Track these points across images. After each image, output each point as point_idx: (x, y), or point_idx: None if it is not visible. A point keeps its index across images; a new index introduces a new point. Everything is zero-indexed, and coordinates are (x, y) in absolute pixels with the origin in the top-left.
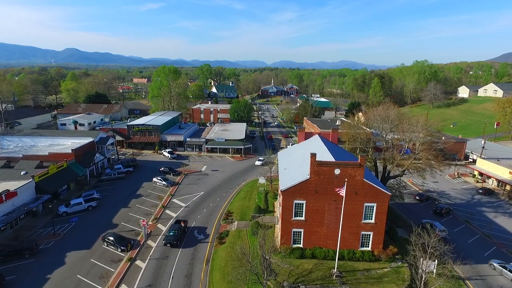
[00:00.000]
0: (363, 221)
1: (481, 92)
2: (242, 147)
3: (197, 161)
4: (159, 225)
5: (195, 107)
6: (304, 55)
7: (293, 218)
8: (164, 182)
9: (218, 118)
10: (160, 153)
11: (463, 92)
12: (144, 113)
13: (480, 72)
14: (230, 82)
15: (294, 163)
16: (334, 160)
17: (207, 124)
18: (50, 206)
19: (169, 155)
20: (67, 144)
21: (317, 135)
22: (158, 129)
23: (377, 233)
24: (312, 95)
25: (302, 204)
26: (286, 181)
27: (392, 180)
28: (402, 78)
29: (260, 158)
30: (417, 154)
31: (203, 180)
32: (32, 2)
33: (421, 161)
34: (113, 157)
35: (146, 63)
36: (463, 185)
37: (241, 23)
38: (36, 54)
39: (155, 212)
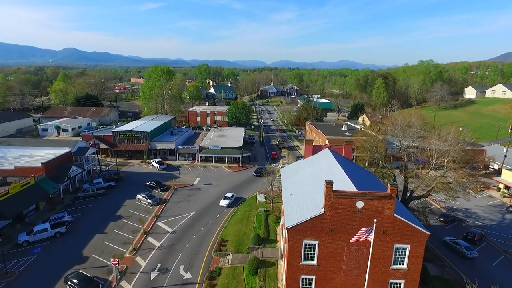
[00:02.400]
0: (392, 267)
1: (488, 93)
2: (240, 156)
3: (189, 173)
4: (138, 259)
5: (191, 109)
6: (303, 55)
7: (302, 263)
8: (149, 200)
9: (215, 121)
10: (149, 163)
11: (470, 93)
12: (137, 115)
13: (487, 72)
14: (229, 83)
15: (302, 186)
16: (355, 190)
17: (204, 128)
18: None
19: (158, 165)
20: (40, 156)
21: (327, 149)
22: (147, 136)
23: (410, 281)
24: (313, 95)
25: (314, 245)
26: (292, 213)
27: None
28: (406, 78)
29: (227, 195)
30: (446, 171)
31: (195, 197)
32: (32, 2)
33: (452, 181)
34: (94, 168)
35: (145, 63)
36: (488, 200)
37: (240, 23)
38: (35, 53)
39: (135, 240)
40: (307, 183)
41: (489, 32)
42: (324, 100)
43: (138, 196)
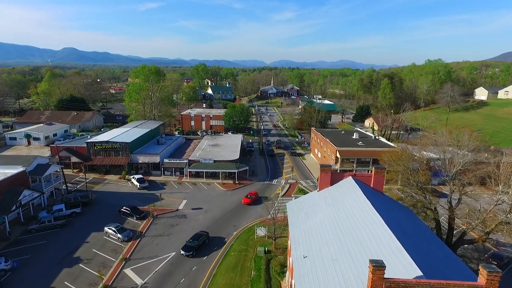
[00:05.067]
0: None
1: (501, 94)
2: (236, 170)
3: (175, 192)
4: None
5: (184, 113)
6: (303, 54)
7: None
8: (119, 235)
9: (211, 126)
10: (128, 180)
11: (481, 94)
12: (126, 119)
13: (497, 70)
14: (227, 83)
15: (322, 245)
16: (418, 270)
17: (198, 133)
18: None
19: (138, 183)
20: None
21: (351, 178)
22: (127, 147)
23: None
24: (314, 96)
25: None
26: None
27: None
28: (413, 78)
29: None
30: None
31: (178, 228)
32: (31, 2)
33: None
34: (60, 188)
35: (144, 63)
36: None
37: (240, 23)
38: (34, 53)
39: None
40: (329, 239)
41: (488, 32)
42: (327, 102)
43: (106, 229)
